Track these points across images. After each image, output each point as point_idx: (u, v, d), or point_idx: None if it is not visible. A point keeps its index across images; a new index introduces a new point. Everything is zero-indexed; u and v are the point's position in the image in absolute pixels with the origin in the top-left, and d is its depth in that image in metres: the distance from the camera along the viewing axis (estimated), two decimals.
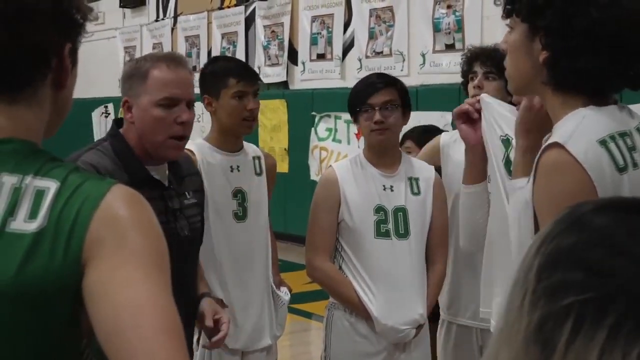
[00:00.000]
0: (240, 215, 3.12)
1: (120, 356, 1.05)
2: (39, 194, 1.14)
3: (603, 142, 1.59)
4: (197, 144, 3.13)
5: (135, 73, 2.34)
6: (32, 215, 1.12)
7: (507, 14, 1.76)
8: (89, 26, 1.28)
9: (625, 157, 1.60)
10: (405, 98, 3.07)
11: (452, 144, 3.34)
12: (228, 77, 3.07)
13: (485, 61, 3.12)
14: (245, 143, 3.25)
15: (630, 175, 1.60)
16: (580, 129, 1.59)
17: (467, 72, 3.27)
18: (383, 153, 3.07)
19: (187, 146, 3.13)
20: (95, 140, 2.54)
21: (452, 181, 3.30)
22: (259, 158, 3.25)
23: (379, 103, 2.98)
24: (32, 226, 1.11)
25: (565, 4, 1.62)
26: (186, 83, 2.37)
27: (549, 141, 1.61)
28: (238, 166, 3.15)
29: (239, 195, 3.12)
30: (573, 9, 1.61)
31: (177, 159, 2.45)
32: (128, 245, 1.11)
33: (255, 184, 3.19)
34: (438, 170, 3.34)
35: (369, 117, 2.99)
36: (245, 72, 3.11)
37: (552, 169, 1.58)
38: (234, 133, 3.13)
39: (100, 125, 11.13)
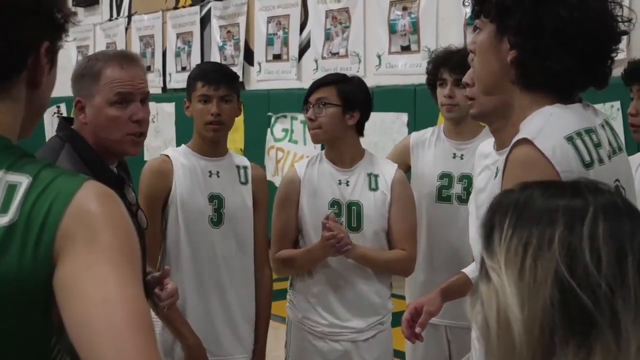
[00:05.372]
0: (216, 220, 3.07)
1: (90, 349, 1.05)
2: (11, 188, 1.13)
3: (570, 139, 1.64)
4: (175, 149, 3.14)
5: (87, 73, 2.31)
6: (3, 209, 1.12)
7: (475, 15, 1.80)
8: None
9: (591, 153, 1.65)
10: (346, 97, 3.05)
11: (422, 143, 3.38)
12: (196, 80, 3.06)
13: (454, 68, 3.09)
14: (232, 152, 3.22)
15: (596, 170, 1.65)
16: (548, 126, 1.64)
17: (434, 77, 3.27)
18: (335, 149, 3.12)
19: (163, 152, 3.16)
20: (47, 140, 2.47)
21: (423, 181, 3.34)
22: (245, 168, 3.19)
23: (313, 100, 3.05)
24: (3, 220, 1.11)
25: (534, 4, 1.66)
26: (138, 80, 2.35)
27: (518, 137, 1.65)
28: (218, 171, 3.10)
29: (215, 200, 3.07)
30: (542, 8, 1.65)
31: (137, 155, 2.42)
32: (99, 241, 1.11)
33: (236, 192, 3.13)
34: (409, 170, 3.37)
35: (307, 114, 3.08)
36: (210, 76, 3.04)
37: (521, 165, 1.62)
38: (204, 137, 3.08)
39: (53, 125, 10.95)
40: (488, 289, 0.95)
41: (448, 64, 3.16)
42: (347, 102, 3.04)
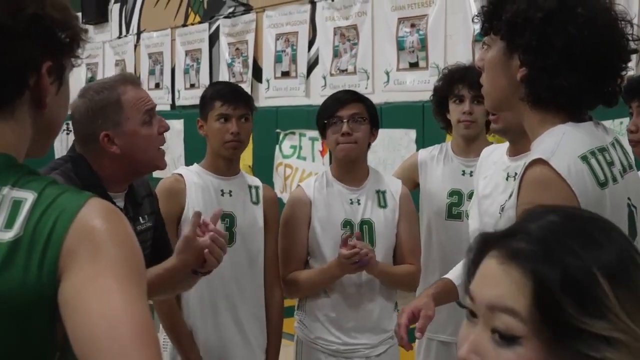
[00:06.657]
0: (227, 239, 3.08)
1: None
2: (16, 204, 1.14)
3: (584, 158, 1.63)
4: (188, 168, 3.14)
5: (106, 104, 2.28)
6: (9, 224, 1.13)
7: (485, 32, 1.80)
8: None
9: (605, 172, 1.65)
10: (373, 115, 3.09)
11: (430, 160, 3.38)
12: (214, 100, 3.06)
13: (473, 84, 3.00)
14: (244, 172, 3.22)
15: (610, 189, 1.64)
16: (562, 146, 1.63)
17: (447, 93, 3.26)
18: (350, 168, 3.10)
19: (176, 170, 3.16)
20: (55, 158, 2.47)
21: (432, 199, 3.33)
22: (257, 188, 3.18)
23: (347, 115, 3.02)
24: (8, 235, 1.12)
25: (544, 22, 1.65)
26: (148, 94, 2.40)
27: (532, 157, 1.64)
28: (230, 191, 3.09)
29: (227, 219, 3.06)
30: (552, 27, 1.65)
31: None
32: (104, 257, 1.12)
33: (248, 211, 3.12)
34: (417, 187, 3.37)
35: (337, 129, 3.02)
36: (229, 96, 3.05)
37: (536, 185, 1.61)
38: (221, 156, 3.08)
39: (62, 142, 11.00)
40: (620, 352, 0.92)
41: (467, 80, 3.14)
42: (373, 120, 3.08)
